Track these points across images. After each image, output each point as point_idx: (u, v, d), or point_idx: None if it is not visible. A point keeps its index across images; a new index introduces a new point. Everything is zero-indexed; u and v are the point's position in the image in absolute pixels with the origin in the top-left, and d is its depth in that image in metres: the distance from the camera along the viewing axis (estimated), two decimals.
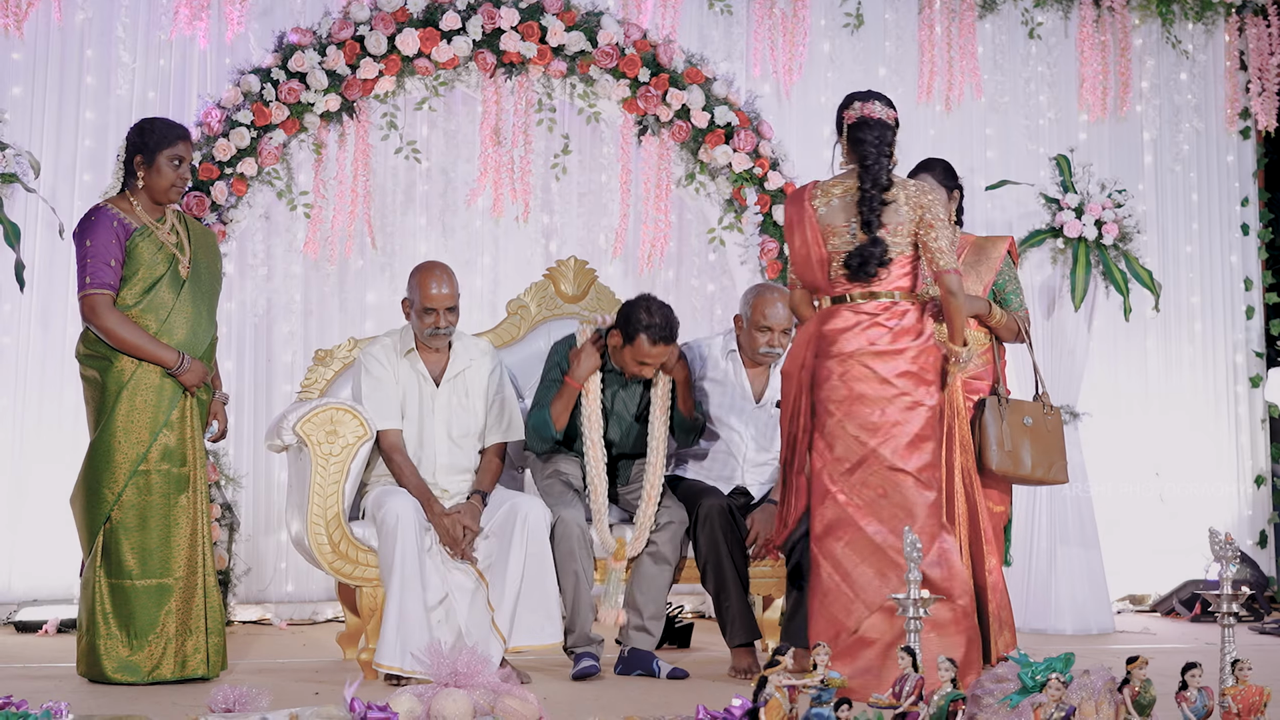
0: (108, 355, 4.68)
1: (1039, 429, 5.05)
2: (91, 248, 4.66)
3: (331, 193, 6.50)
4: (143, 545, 4.65)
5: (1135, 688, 3.64)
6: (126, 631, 4.63)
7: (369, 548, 5.01)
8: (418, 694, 3.70)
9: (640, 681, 4.94)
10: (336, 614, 6.55)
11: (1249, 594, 6.95)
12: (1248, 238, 7.99)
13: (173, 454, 4.70)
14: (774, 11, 7.20)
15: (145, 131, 4.77)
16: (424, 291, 5.01)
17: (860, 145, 4.71)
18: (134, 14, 6.54)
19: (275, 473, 6.56)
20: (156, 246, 4.73)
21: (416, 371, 5.10)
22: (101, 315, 4.64)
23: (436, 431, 5.08)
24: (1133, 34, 7.77)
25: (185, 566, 4.70)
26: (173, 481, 4.70)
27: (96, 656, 4.62)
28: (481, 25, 6.31)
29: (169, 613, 4.65)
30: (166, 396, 4.70)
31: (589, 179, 6.99)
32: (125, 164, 4.78)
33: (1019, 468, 5.01)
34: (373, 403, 5.04)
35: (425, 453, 5.07)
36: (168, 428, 4.70)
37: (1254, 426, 7.91)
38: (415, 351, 5.11)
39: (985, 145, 7.58)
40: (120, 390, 4.65)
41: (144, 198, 4.78)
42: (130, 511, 4.65)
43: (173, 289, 4.73)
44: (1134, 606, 7.54)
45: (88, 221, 4.72)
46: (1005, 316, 5.21)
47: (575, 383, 5.18)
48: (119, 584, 4.64)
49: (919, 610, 3.91)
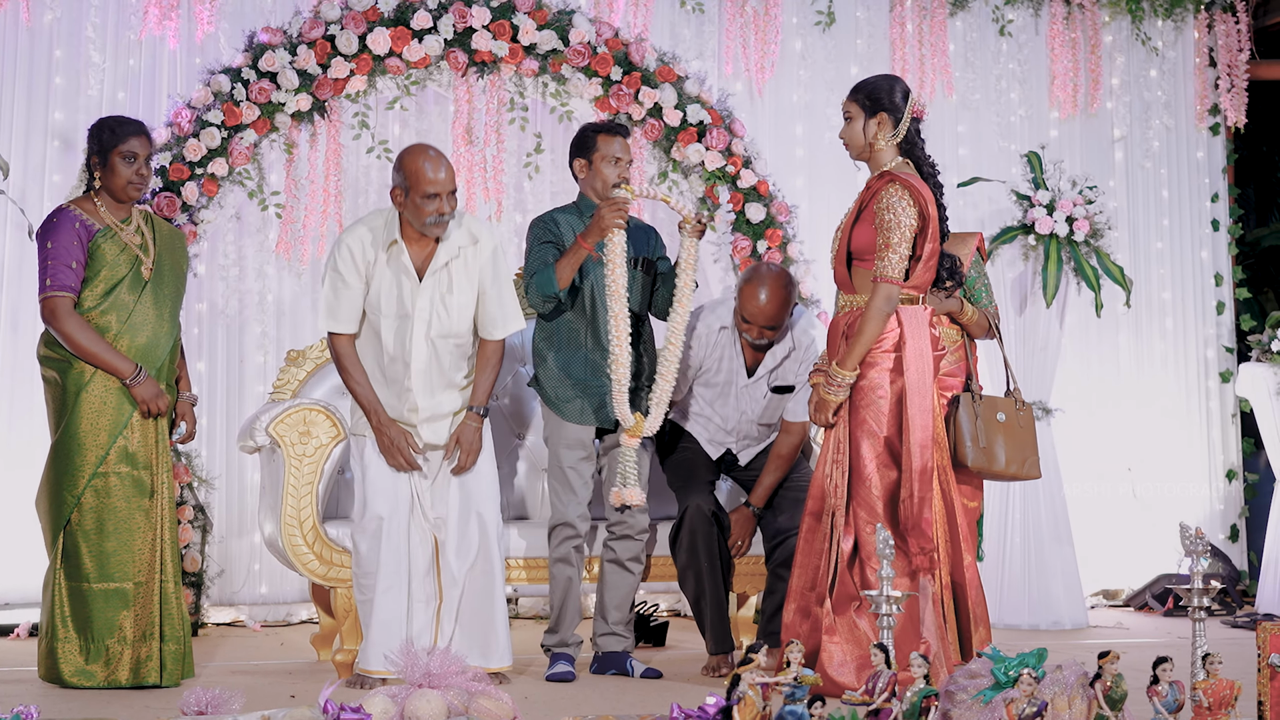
0: (67, 357, 4.66)
1: (1012, 425, 5.06)
2: (53, 249, 4.63)
3: (303, 193, 6.48)
4: (100, 549, 4.61)
5: (1107, 683, 3.66)
6: (83, 636, 4.60)
7: (343, 548, 4.99)
8: (391, 695, 3.69)
9: (615, 681, 4.94)
10: (311, 615, 6.53)
11: (1220, 588, 7.02)
12: (1218, 233, 8.03)
13: (133, 457, 4.67)
14: (745, 10, 7.21)
15: (98, 132, 4.76)
16: (423, 176, 4.59)
17: (920, 145, 4.74)
18: (103, 14, 6.51)
19: (248, 474, 6.53)
20: (120, 248, 4.71)
21: (399, 265, 4.68)
22: (60, 319, 4.61)
23: (415, 331, 4.68)
24: (1103, 31, 7.80)
25: (144, 571, 4.65)
26: (133, 484, 4.66)
27: (55, 660, 4.59)
28: (453, 24, 6.29)
29: (127, 618, 4.61)
30: (127, 398, 4.67)
31: (562, 178, 6.96)
32: (86, 166, 4.78)
33: (993, 464, 5.02)
34: (330, 300, 4.69)
35: (401, 355, 4.69)
36: (128, 430, 4.66)
37: (1225, 421, 7.95)
38: (400, 243, 4.68)
39: (957, 143, 7.60)
40: (80, 392, 4.63)
41: (106, 198, 4.76)
42: (89, 514, 4.62)
43: (134, 290, 4.70)
44: (1107, 601, 7.57)
45: (50, 223, 4.69)
46: (976, 313, 5.22)
47: (586, 244, 4.92)
48: (77, 587, 4.61)
49: (891, 607, 3.92)
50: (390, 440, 4.67)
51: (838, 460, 4.66)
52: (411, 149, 4.74)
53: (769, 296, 5.14)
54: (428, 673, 3.72)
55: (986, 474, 5.06)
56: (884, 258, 4.57)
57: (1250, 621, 6.74)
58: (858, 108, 4.72)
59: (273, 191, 6.41)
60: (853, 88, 4.80)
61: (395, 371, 4.72)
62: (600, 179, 5.08)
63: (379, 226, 4.73)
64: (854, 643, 4.53)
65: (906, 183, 4.61)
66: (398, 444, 4.67)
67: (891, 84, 4.73)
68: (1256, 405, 7.40)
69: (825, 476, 4.68)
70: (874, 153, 4.73)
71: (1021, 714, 3.48)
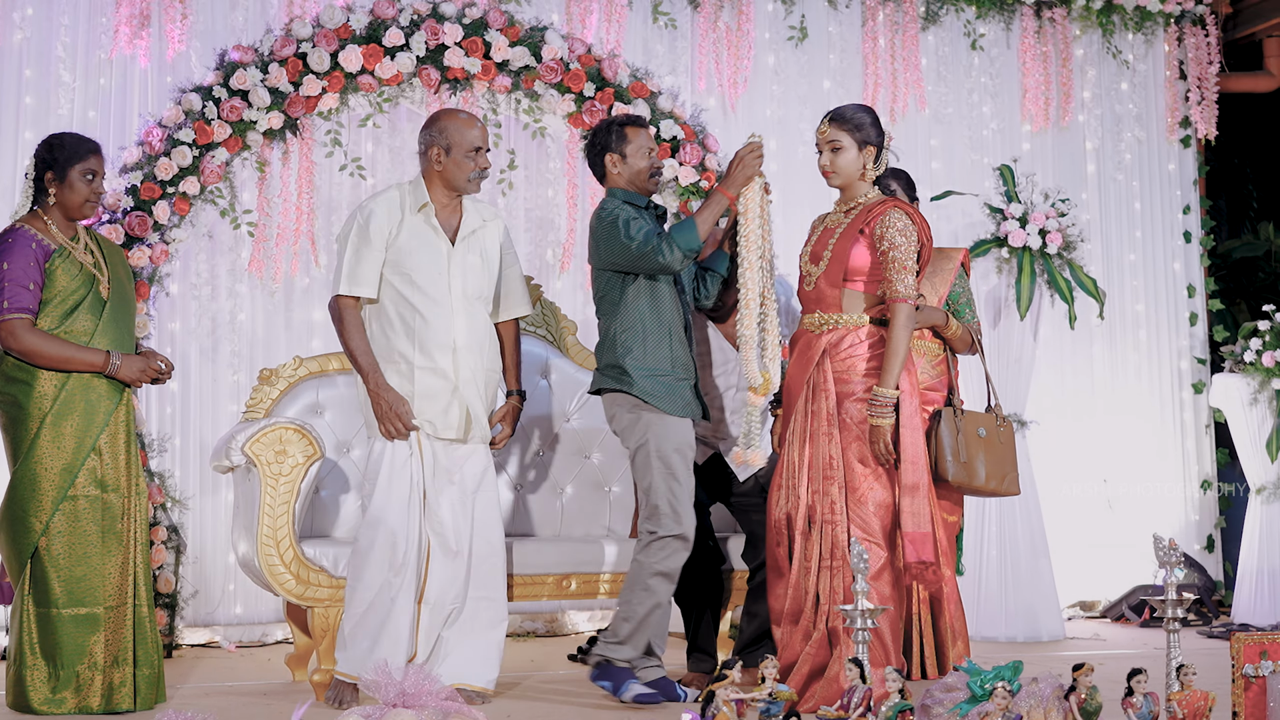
0: (28, 380, 4.54)
1: (992, 440, 5.07)
2: (9, 270, 4.51)
3: (276, 211, 6.46)
4: (70, 574, 4.52)
5: (1082, 695, 3.66)
6: (51, 663, 4.51)
7: (320, 567, 4.97)
8: (365, 715, 3.67)
9: (594, 697, 4.91)
10: (286, 635, 6.50)
11: (1195, 599, 7.04)
12: (1190, 245, 8.07)
13: (102, 480, 4.58)
14: (718, 25, 7.23)
15: (55, 147, 4.65)
16: (468, 130, 4.78)
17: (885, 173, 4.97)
18: (73, 33, 6.48)
19: (222, 493, 6.50)
20: (76, 268, 4.61)
21: (430, 227, 4.80)
22: (21, 338, 4.50)
23: (453, 290, 4.78)
24: (1074, 44, 7.85)
25: (115, 595, 4.58)
26: (102, 508, 4.57)
27: (23, 688, 4.50)
28: (425, 41, 6.29)
29: (97, 643, 4.53)
30: (94, 420, 4.58)
31: (535, 194, 6.98)
32: (35, 181, 4.66)
33: (973, 479, 5.03)
34: (351, 265, 4.74)
35: (440, 314, 4.75)
36: (95, 453, 4.57)
37: (1199, 432, 7.98)
38: (430, 206, 4.81)
39: (930, 156, 7.62)
40: (44, 416, 4.53)
41: (57, 215, 4.65)
42: (58, 539, 4.52)
43: (93, 312, 4.61)
44: (1084, 613, 7.59)
45: (4, 243, 4.56)
46: (960, 328, 5.25)
47: (730, 194, 4.85)
48: (45, 613, 4.51)
49: (866, 621, 3.91)
50: (389, 405, 4.70)
51: (830, 476, 4.66)
52: (444, 111, 4.90)
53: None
54: (402, 692, 3.70)
55: (966, 489, 5.08)
56: (901, 279, 4.68)
57: (1225, 632, 6.76)
58: (850, 139, 4.80)
59: (245, 210, 6.39)
60: (837, 116, 4.83)
61: (432, 334, 4.74)
62: (636, 171, 4.97)
63: (404, 192, 4.85)
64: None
65: (907, 209, 4.77)
66: (397, 409, 4.70)
67: (875, 116, 4.85)
68: (1230, 416, 7.43)
69: (815, 493, 4.67)
70: (858, 181, 4.82)
71: None
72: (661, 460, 4.78)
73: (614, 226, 4.83)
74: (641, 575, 4.77)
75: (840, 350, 4.71)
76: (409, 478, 4.73)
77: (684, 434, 4.83)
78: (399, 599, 4.68)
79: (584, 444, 5.86)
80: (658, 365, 4.84)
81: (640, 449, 4.82)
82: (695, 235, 4.77)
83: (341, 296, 4.78)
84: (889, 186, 5.27)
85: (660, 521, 4.76)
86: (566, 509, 5.79)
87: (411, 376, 4.75)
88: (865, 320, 4.73)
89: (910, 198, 5.31)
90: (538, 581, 5.27)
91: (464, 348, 4.78)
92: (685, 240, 4.75)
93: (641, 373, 4.82)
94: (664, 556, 4.76)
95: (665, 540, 4.76)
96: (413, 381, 4.75)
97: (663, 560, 4.75)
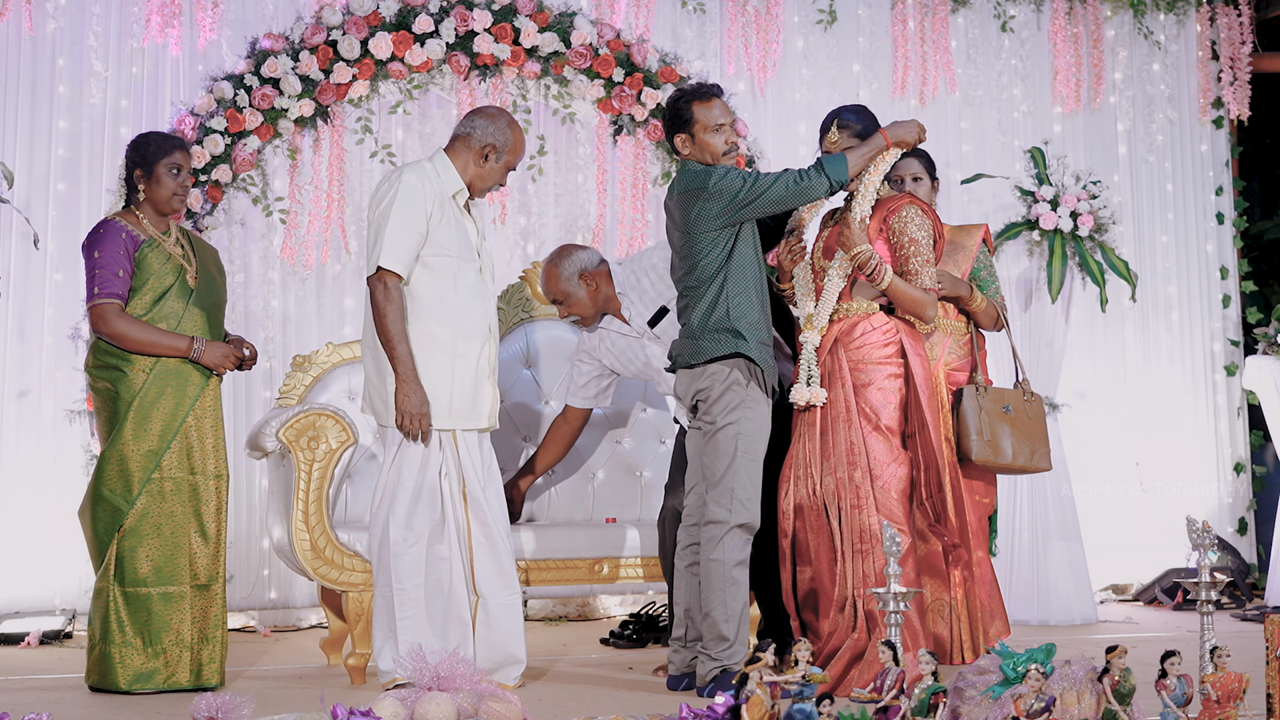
0: (119, 366, 4.72)
1: (1019, 416, 5.06)
2: (99, 259, 4.72)
3: (307, 198, 6.49)
4: (158, 553, 4.69)
5: (1115, 677, 3.66)
6: (143, 638, 4.66)
7: (354, 552, 4.99)
8: (401, 698, 3.70)
9: (625, 680, 4.93)
10: (320, 620, 6.54)
11: (1228, 581, 7.02)
12: (1223, 226, 8.03)
13: (186, 461, 4.75)
14: (747, 9, 7.21)
15: (141, 146, 4.85)
16: (519, 150, 4.75)
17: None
18: (105, 22, 6.52)
19: (256, 479, 6.54)
20: (165, 257, 4.80)
21: (460, 210, 4.70)
22: (110, 322, 4.69)
23: (485, 271, 4.72)
24: (1105, 25, 7.80)
25: (205, 573, 4.75)
26: (187, 488, 4.75)
27: (110, 665, 4.64)
28: (454, 28, 6.30)
29: (183, 621, 4.69)
30: (181, 404, 4.75)
31: (565, 179, 6.99)
32: (126, 180, 4.86)
33: (999, 456, 5.02)
34: (396, 236, 4.51)
35: (476, 300, 4.65)
36: (181, 436, 4.74)
37: (1232, 414, 7.94)
38: (464, 193, 4.71)
39: (960, 139, 7.60)
40: (134, 399, 4.70)
41: (149, 211, 4.85)
42: (144, 520, 4.69)
43: (181, 298, 4.79)
44: (1117, 596, 7.57)
45: (96, 234, 4.78)
46: (985, 302, 5.24)
47: (890, 139, 4.70)
48: (134, 592, 4.67)
49: (899, 604, 3.92)
50: (416, 406, 4.50)
51: (854, 462, 4.65)
52: (510, 119, 4.76)
53: (540, 277, 5.34)
54: (437, 675, 3.73)
55: (993, 467, 5.07)
56: (925, 271, 4.71)
57: (1259, 614, 6.73)
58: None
59: (276, 197, 6.43)
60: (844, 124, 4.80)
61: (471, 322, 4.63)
62: (709, 152, 4.72)
63: (431, 170, 4.65)
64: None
65: (921, 204, 4.80)
66: (421, 410, 4.50)
67: (872, 115, 4.85)
68: (1263, 398, 7.38)
69: (840, 480, 4.66)
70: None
71: (1030, 710, 3.48)
72: (751, 444, 4.61)
73: (727, 179, 4.61)
74: (725, 571, 4.58)
75: (853, 339, 4.70)
76: (437, 469, 4.61)
77: (768, 419, 4.68)
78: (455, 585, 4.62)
79: (615, 428, 5.87)
80: (766, 336, 4.67)
81: (727, 428, 4.59)
82: (845, 169, 4.65)
83: (386, 271, 4.52)
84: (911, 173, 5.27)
85: (734, 508, 4.58)
86: (598, 493, 5.81)
87: (452, 367, 4.60)
88: (875, 308, 4.73)
89: (931, 178, 5.32)
90: (570, 566, 5.29)
91: (494, 337, 4.74)
92: (835, 171, 4.63)
93: (756, 340, 4.62)
94: (738, 547, 4.60)
95: (734, 530, 4.58)
96: (452, 372, 4.61)
97: (739, 550, 4.60)
